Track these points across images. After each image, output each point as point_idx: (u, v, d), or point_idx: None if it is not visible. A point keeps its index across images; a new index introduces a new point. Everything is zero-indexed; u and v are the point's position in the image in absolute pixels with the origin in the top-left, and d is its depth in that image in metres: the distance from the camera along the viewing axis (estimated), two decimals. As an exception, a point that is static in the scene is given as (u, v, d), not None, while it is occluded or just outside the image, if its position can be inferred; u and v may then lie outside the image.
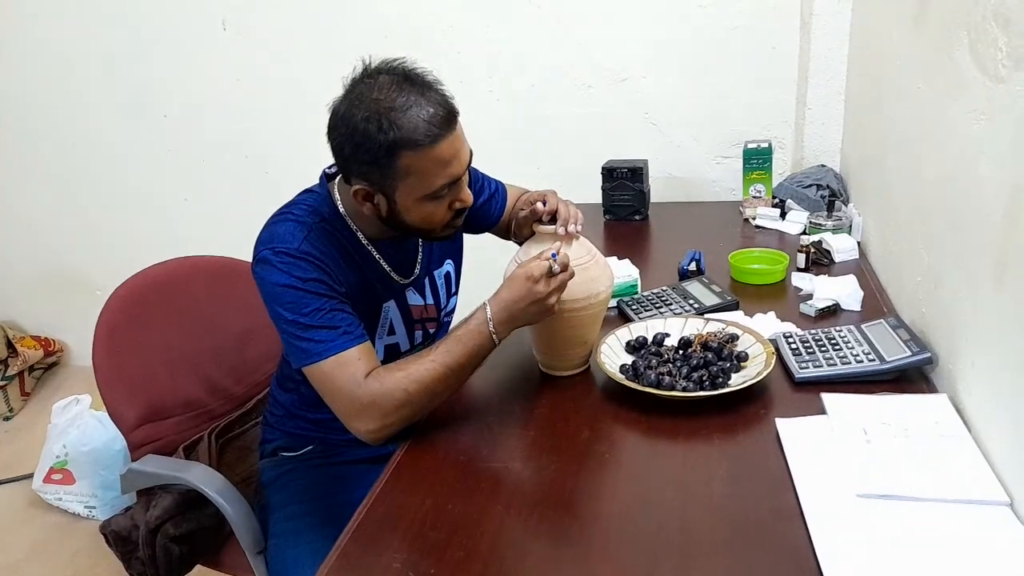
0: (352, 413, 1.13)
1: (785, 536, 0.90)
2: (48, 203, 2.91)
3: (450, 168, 1.12)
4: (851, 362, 1.21)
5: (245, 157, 2.63)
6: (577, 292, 1.22)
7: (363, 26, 2.36)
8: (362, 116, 1.07)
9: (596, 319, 1.28)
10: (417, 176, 1.10)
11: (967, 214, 1.10)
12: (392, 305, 1.30)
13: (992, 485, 0.95)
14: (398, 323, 1.31)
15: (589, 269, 1.24)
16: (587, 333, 1.28)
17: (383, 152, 1.07)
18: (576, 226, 1.24)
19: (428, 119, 1.07)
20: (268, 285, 1.14)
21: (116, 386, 1.39)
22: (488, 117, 2.33)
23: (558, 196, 1.30)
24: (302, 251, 1.14)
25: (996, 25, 0.99)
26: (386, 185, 1.12)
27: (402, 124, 1.06)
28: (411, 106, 1.07)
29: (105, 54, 2.62)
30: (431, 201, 1.14)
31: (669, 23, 2.21)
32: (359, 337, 1.14)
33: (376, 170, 1.10)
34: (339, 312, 1.14)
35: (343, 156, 1.12)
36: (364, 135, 1.07)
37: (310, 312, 1.12)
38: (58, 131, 2.78)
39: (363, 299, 1.23)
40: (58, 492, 2.25)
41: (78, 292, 2.93)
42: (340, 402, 1.14)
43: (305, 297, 1.12)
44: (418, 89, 1.09)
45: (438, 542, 0.95)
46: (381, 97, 1.07)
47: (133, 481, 1.37)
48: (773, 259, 1.65)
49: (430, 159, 1.09)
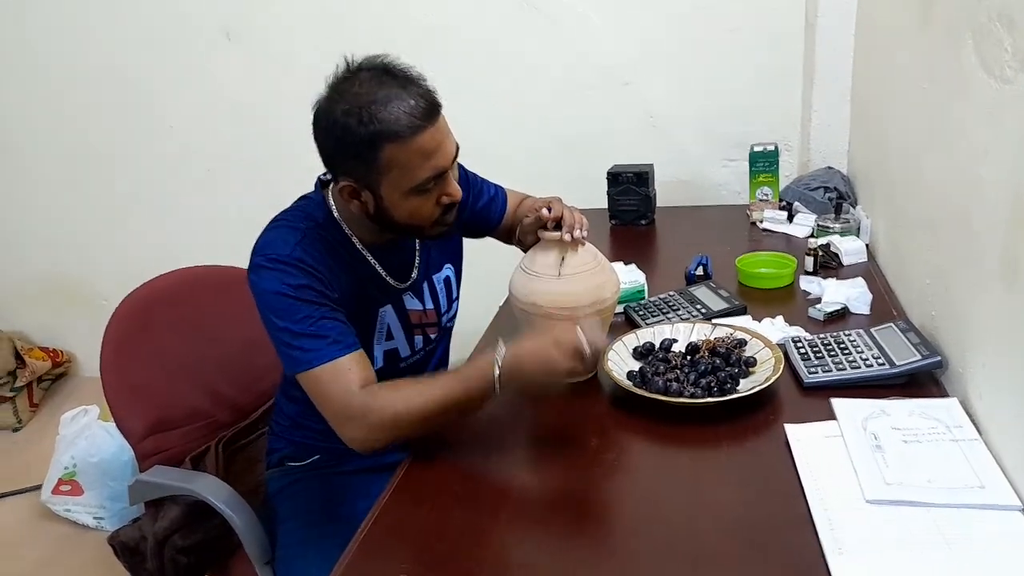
0: (342, 419, 1.12)
1: (795, 543, 0.90)
2: (53, 213, 2.91)
3: (433, 160, 1.11)
4: (860, 366, 1.20)
5: (250, 165, 2.64)
6: (583, 298, 1.21)
7: (366, 34, 2.36)
8: (342, 110, 1.07)
9: (602, 325, 1.28)
10: (400, 169, 1.10)
11: (975, 215, 1.10)
12: (389, 310, 1.29)
13: (1004, 489, 0.94)
14: (396, 328, 1.30)
15: (595, 275, 1.24)
16: (595, 340, 1.27)
17: (365, 145, 1.07)
18: (581, 232, 1.23)
19: (409, 111, 1.07)
20: (261, 292, 1.14)
21: (124, 397, 1.39)
22: (492, 122, 2.34)
23: (563, 202, 1.29)
24: (294, 257, 1.14)
25: (1001, 26, 0.99)
26: (371, 180, 1.12)
27: (382, 117, 1.06)
28: (392, 99, 1.07)
29: (110, 64, 2.63)
30: (417, 195, 1.13)
31: (673, 25, 2.21)
32: (350, 346, 1.14)
33: (360, 164, 1.10)
34: (330, 320, 1.14)
35: (327, 153, 1.13)
36: (344, 129, 1.07)
37: (301, 319, 1.12)
38: (62, 141, 2.79)
39: (357, 304, 1.22)
40: (67, 503, 2.24)
41: (85, 303, 2.94)
42: (331, 409, 1.13)
43: (296, 304, 1.12)
44: (399, 83, 1.09)
45: (445, 552, 0.95)
46: (362, 91, 1.07)
47: (141, 492, 1.37)
48: (781, 263, 1.64)
49: (412, 151, 1.09)
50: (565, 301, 1.22)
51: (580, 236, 1.23)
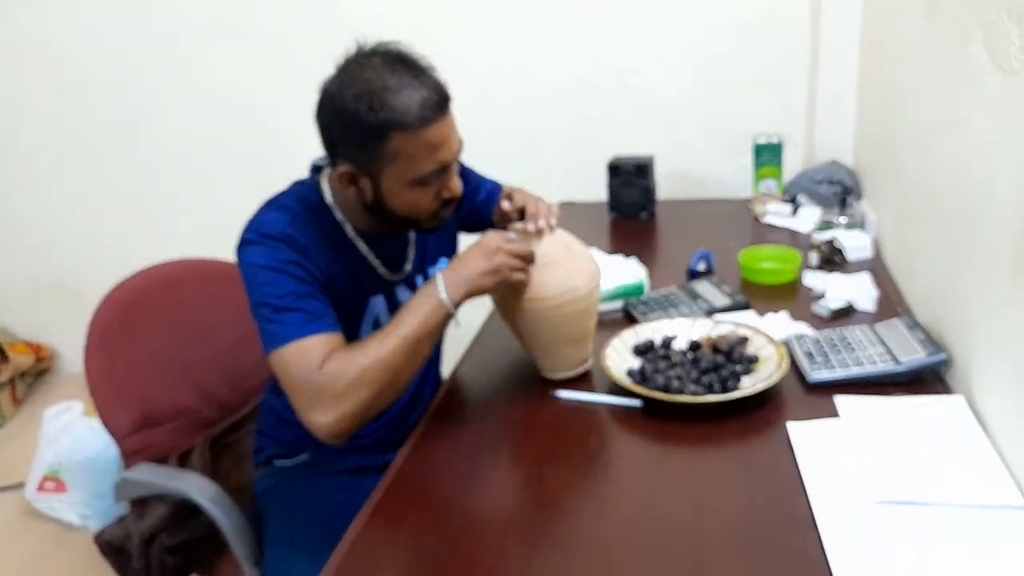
0: (307, 402, 1.08)
1: (797, 544, 0.89)
2: (36, 206, 2.87)
3: (439, 154, 1.10)
4: (865, 364, 1.19)
5: (238, 158, 2.60)
6: (551, 288, 1.19)
7: (361, 24, 2.32)
8: (352, 95, 1.05)
9: (581, 317, 1.23)
10: (405, 160, 1.09)
11: (981, 211, 1.09)
12: (380, 300, 1.27)
13: (1009, 489, 0.93)
14: (386, 319, 1.27)
15: (563, 264, 1.20)
16: (574, 331, 1.24)
17: (372, 133, 1.06)
18: (545, 222, 1.21)
19: (420, 102, 1.06)
20: (248, 266, 1.14)
21: (108, 393, 1.36)
22: (492, 114, 2.30)
23: (525, 192, 1.29)
24: (285, 234, 1.13)
25: (1010, 19, 0.98)
26: (372, 168, 1.10)
27: (394, 105, 1.05)
28: (404, 88, 1.05)
29: (96, 56, 2.59)
30: (418, 188, 1.12)
31: (675, 16, 2.18)
32: (328, 326, 1.11)
33: (363, 151, 1.08)
34: (312, 299, 1.12)
35: (331, 136, 1.11)
36: (354, 115, 1.05)
37: (284, 295, 1.10)
38: (47, 134, 2.74)
39: (346, 291, 1.21)
40: (51, 501, 2.21)
41: (68, 296, 2.89)
42: (297, 390, 1.08)
43: (281, 278, 1.11)
44: (412, 72, 1.08)
45: (439, 553, 0.93)
46: (373, 77, 1.06)
47: (126, 490, 1.35)
48: (784, 258, 1.61)
49: (420, 143, 1.08)
50: (532, 291, 1.19)
51: (542, 225, 1.20)
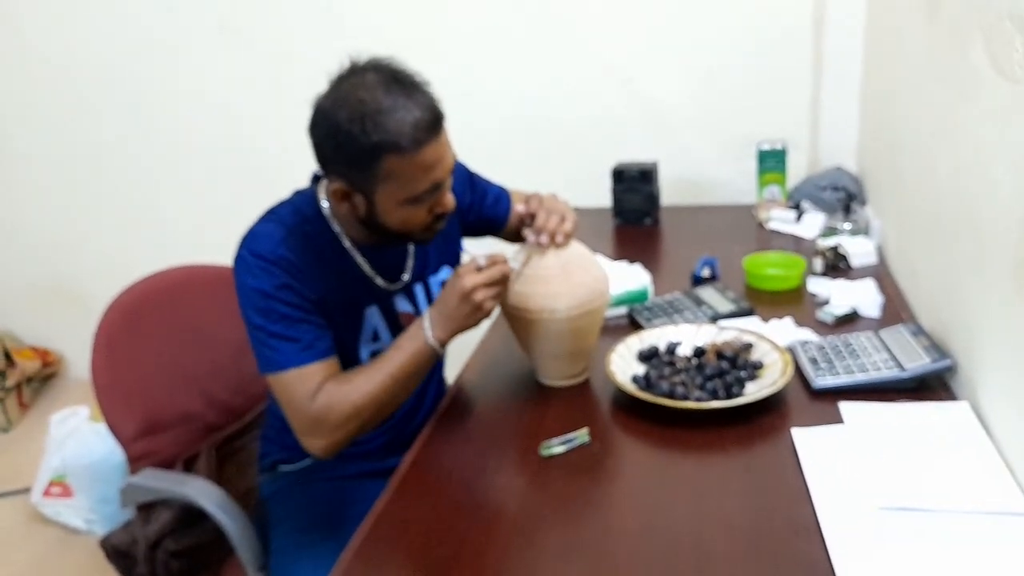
0: (303, 429, 1.15)
1: (802, 551, 0.88)
2: (43, 211, 2.88)
3: (433, 173, 1.10)
4: (869, 370, 1.18)
5: (243, 163, 2.60)
6: (532, 302, 1.19)
7: (360, 29, 2.34)
8: (346, 116, 1.05)
9: (579, 332, 1.23)
10: (399, 180, 1.09)
11: (984, 216, 1.09)
12: (375, 311, 1.26)
13: (1014, 495, 0.93)
14: (383, 330, 1.27)
15: (551, 283, 1.19)
16: (569, 346, 1.24)
17: (365, 154, 1.06)
18: (546, 238, 1.19)
19: (414, 123, 1.05)
20: (242, 285, 1.15)
21: (114, 398, 1.36)
22: (495, 120, 2.31)
23: (542, 200, 1.26)
24: (277, 255, 1.13)
25: (1012, 25, 0.98)
26: (366, 186, 1.10)
27: (387, 127, 1.04)
28: (397, 109, 1.05)
29: (99, 60, 2.59)
30: (411, 205, 1.12)
31: (680, 23, 2.18)
32: (320, 353, 1.14)
33: (357, 171, 1.09)
34: (305, 324, 1.14)
35: (324, 153, 1.11)
36: (347, 136, 1.05)
37: (277, 320, 1.13)
38: (52, 138, 2.75)
39: (341, 304, 1.21)
40: (57, 506, 2.21)
41: (74, 302, 2.90)
42: (293, 417, 1.15)
43: (274, 304, 1.13)
44: (405, 91, 1.07)
45: (444, 559, 0.93)
46: (367, 97, 1.05)
47: (132, 495, 1.35)
48: (789, 264, 1.61)
49: (414, 164, 1.07)
50: (517, 300, 1.20)
51: (541, 240, 1.19)
